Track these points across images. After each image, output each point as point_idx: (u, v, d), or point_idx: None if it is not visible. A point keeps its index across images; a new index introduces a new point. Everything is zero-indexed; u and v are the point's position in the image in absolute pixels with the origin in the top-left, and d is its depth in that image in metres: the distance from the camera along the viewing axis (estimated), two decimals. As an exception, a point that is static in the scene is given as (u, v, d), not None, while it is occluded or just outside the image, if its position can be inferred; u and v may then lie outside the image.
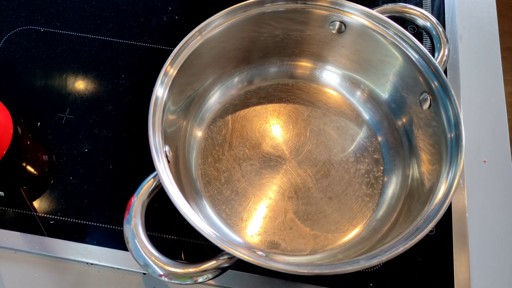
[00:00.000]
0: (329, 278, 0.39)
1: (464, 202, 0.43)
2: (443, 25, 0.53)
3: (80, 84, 0.49)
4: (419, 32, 0.53)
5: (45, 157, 0.45)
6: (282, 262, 0.30)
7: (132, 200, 0.32)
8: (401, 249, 0.30)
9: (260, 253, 0.36)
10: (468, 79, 0.50)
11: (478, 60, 0.52)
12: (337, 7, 0.41)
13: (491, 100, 0.49)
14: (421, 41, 0.52)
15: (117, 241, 0.41)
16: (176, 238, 0.41)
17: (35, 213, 0.42)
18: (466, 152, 0.46)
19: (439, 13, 0.54)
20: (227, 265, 0.31)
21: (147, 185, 0.33)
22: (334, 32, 0.43)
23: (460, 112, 0.36)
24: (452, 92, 0.36)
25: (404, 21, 0.46)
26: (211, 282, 0.39)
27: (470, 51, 0.52)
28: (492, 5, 0.55)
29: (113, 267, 0.40)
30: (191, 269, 0.30)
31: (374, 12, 0.40)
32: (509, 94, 1.20)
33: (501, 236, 0.42)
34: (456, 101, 0.36)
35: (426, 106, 0.39)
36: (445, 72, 0.50)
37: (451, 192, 0.33)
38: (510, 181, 0.45)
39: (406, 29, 0.40)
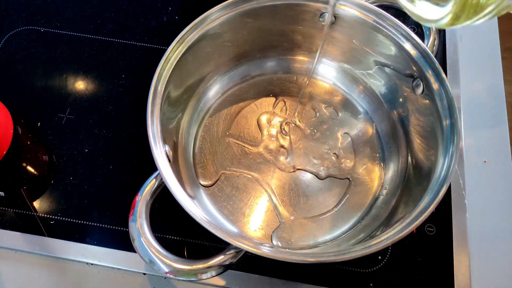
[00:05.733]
0: (329, 278, 0.39)
1: (464, 202, 0.43)
2: (443, 25, 0.53)
3: (80, 84, 0.49)
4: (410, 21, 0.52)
5: (45, 157, 0.45)
6: (288, 253, 0.30)
7: (136, 200, 0.33)
8: (404, 232, 0.30)
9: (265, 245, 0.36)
10: (468, 79, 0.50)
11: (478, 60, 0.52)
12: None
13: (491, 100, 0.49)
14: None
15: (117, 241, 0.41)
16: (177, 239, 0.41)
17: (35, 213, 0.42)
18: (466, 152, 0.46)
19: (439, 13, 0.54)
20: (232, 261, 0.31)
21: (150, 185, 0.34)
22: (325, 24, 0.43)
23: (454, 100, 0.36)
24: (444, 76, 0.37)
25: (396, 10, 0.45)
26: (211, 282, 0.39)
27: (470, 51, 0.52)
28: (492, 5, 0.55)
29: (113, 267, 0.40)
30: (197, 266, 0.31)
31: (364, 2, 0.41)
32: (509, 94, 1.20)
33: (501, 236, 0.42)
34: (448, 85, 0.36)
35: (419, 91, 0.40)
36: (445, 70, 0.50)
37: (450, 172, 0.33)
38: (510, 181, 0.45)
39: (398, 19, 0.40)
